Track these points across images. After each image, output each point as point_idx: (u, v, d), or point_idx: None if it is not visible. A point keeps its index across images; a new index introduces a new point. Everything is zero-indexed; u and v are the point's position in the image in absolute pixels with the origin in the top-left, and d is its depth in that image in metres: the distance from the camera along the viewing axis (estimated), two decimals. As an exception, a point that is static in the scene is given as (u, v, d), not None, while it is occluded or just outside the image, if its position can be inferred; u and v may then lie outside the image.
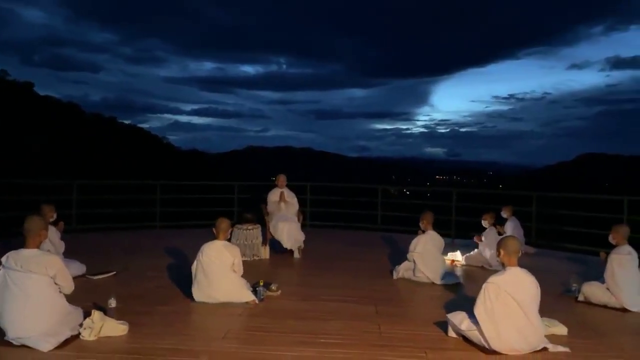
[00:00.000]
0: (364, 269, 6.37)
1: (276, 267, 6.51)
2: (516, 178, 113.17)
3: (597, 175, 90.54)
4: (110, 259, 6.57)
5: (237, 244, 6.78)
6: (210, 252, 4.62)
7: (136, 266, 6.23)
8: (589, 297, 4.92)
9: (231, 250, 4.69)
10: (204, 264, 4.60)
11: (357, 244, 8.42)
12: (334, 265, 6.58)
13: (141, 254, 7.08)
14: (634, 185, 60.63)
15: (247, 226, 6.95)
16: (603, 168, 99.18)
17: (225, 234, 4.76)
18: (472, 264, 6.77)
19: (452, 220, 9.41)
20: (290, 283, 5.57)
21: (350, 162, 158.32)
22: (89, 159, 44.59)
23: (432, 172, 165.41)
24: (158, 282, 5.38)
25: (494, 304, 3.53)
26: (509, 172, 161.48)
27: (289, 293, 5.06)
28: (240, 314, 4.33)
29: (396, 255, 7.31)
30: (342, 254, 7.48)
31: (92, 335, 3.59)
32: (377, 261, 6.97)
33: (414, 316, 4.44)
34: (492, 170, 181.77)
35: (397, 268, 5.93)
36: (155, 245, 7.76)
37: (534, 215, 8.55)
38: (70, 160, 41.66)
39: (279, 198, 7.30)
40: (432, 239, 5.76)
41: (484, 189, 25.27)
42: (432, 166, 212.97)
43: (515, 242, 3.71)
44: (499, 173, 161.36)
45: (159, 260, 6.57)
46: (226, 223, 4.76)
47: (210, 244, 4.68)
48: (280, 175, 7.51)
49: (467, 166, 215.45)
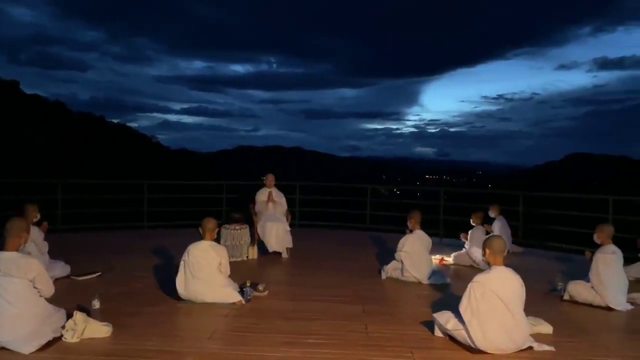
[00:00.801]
0: (353, 269, 6.36)
1: (264, 268, 6.48)
2: (505, 178, 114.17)
3: (585, 175, 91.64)
4: (96, 259, 6.49)
5: (225, 244, 6.74)
6: (197, 253, 4.58)
7: (122, 266, 6.16)
8: (574, 296, 4.96)
9: (218, 250, 4.65)
10: (190, 265, 4.56)
11: (346, 244, 8.42)
12: (322, 265, 6.57)
13: (128, 254, 7.00)
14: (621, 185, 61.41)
15: (235, 226, 6.91)
16: (591, 168, 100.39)
17: (212, 234, 4.72)
18: (460, 263, 6.79)
19: (440, 219, 9.44)
20: (278, 283, 5.54)
21: (340, 161, 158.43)
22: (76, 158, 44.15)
23: (421, 171, 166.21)
24: (144, 283, 5.33)
25: (479, 303, 3.54)
26: (498, 171, 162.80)
27: (277, 293, 5.04)
28: (227, 315, 4.30)
29: (385, 254, 7.31)
30: (331, 253, 7.47)
31: (75, 337, 3.53)
32: (365, 261, 6.97)
33: (401, 316, 4.43)
34: (481, 170, 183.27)
35: (385, 268, 5.93)
36: (143, 245, 7.68)
37: (521, 214, 8.61)
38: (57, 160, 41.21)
39: (267, 198, 7.27)
40: (419, 239, 5.77)
41: (472, 189, 25.37)
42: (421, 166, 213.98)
43: (500, 241, 3.72)
44: (488, 173, 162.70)
45: (145, 260, 6.51)
46: (213, 223, 4.72)
47: (197, 244, 4.64)
48: (269, 174, 7.48)
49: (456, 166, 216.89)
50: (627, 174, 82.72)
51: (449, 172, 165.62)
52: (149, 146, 64.22)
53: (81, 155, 45.88)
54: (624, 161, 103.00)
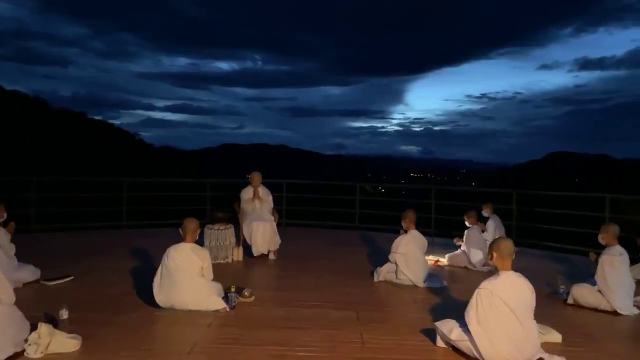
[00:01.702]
0: (343, 271, 6.04)
1: (250, 270, 6.13)
2: (489, 176, 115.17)
3: (566, 173, 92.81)
4: (70, 262, 6.07)
5: (209, 245, 6.38)
6: (177, 256, 4.21)
7: (97, 270, 5.75)
8: (578, 300, 4.71)
9: (200, 253, 4.29)
10: (169, 269, 4.20)
11: (335, 244, 8.10)
12: (311, 267, 6.23)
13: (104, 256, 6.58)
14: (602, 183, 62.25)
15: (219, 226, 6.54)
16: (572, 166, 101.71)
17: (194, 236, 4.35)
18: (455, 264, 6.52)
19: (431, 218, 9.19)
20: (265, 287, 5.19)
21: (326, 159, 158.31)
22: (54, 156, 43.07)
23: (406, 169, 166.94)
24: (119, 288, 4.93)
25: (486, 312, 3.24)
26: (482, 169, 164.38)
27: (264, 299, 4.69)
28: (210, 324, 3.94)
29: (376, 255, 7.02)
30: (320, 254, 7.14)
31: (39, 352, 3.16)
32: (356, 262, 6.66)
33: (399, 323, 4.13)
34: (465, 168, 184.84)
35: (379, 270, 5.63)
36: (121, 246, 7.27)
37: (514, 213, 8.39)
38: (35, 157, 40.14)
39: (252, 196, 6.91)
40: (414, 239, 5.47)
41: (462, 186, 25.07)
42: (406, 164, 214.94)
43: (508, 244, 3.42)
44: (472, 171, 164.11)
45: (123, 263, 6.11)
46: (194, 223, 4.35)
47: (177, 246, 4.27)
48: (254, 173, 7.07)
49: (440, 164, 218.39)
50: (607, 173, 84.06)
51: (433, 171, 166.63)
52: (131, 144, 63.08)
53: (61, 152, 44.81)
54: (604, 160, 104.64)
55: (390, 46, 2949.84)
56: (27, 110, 49.75)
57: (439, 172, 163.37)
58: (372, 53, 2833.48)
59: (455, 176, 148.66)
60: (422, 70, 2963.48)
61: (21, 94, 56.04)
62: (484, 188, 14.14)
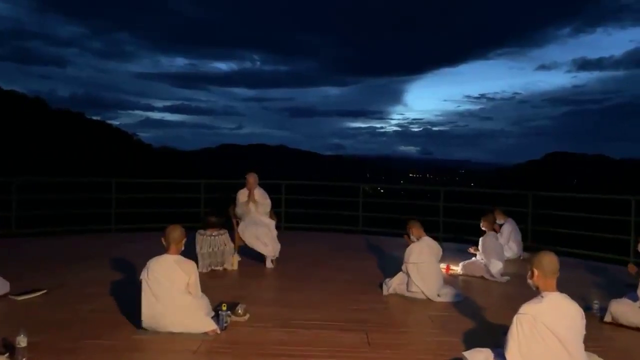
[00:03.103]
0: (349, 282, 5.46)
1: (245, 281, 5.54)
2: (488, 176, 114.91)
3: (565, 173, 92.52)
4: (46, 272, 5.50)
5: (201, 252, 5.80)
6: (158, 270, 3.63)
7: (76, 280, 5.17)
8: (618, 318, 4.14)
9: (185, 266, 3.70)
10: (150, 285, 3.62)
11: (339, 250, 7.51)
12: (313, 277, 5.65)
13: (86, 264, 6.00)
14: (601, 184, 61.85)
15: (212, 231, 5.95)
16: (571, 167, 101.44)
17: (179, 246, 3.76)
18: (470, 273, 5.94)
19: (439, 221, 8.63)
20: (262, 302, 4.61)
21: (324, 160, 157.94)
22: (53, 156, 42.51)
23: (405, 170, 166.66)
24: (96, 304, 4.35)
25: (529, 342, 2.67)
26: (481, 170, 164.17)
27: (260, 317, 4.11)
28: (196, 351, 3.36)
29: (383, 262, 6.46)
30: (322, 262, 6.55)
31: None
32: (362, 270, 6.08)
33: (418, 349, 3.55)
34: (463, 169, 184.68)
35: (388, 281, 5.05)
36: (106, 252, 6.69)
37: (530, 216, 7.82)
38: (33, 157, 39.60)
39: (247, 198, 6.34)
40: (428, 247, 4.90)
41: (472, 187, 24.18)
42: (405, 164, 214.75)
43: (553, 259, 2.85)
44: (470, 171, 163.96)
45: (106, 272, 5.53)
46: (179, 231, 3.77)
47: (159, 259, 3.69)
48: (250, 174, 6.48)
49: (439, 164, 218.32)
50: (605, 173, 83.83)
51: (432, 171, 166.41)
52: (129, 144, 62.45)
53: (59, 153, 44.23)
54: (602, 160, 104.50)
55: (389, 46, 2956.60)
56: (26, 111, 49.28)
57: (437, 172, 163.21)
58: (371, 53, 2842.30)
59: (454, 176, 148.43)
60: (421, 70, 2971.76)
61: (19, 94, 55.57)
62: (502, 190, 13.42)
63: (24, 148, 41.56)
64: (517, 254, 6.98)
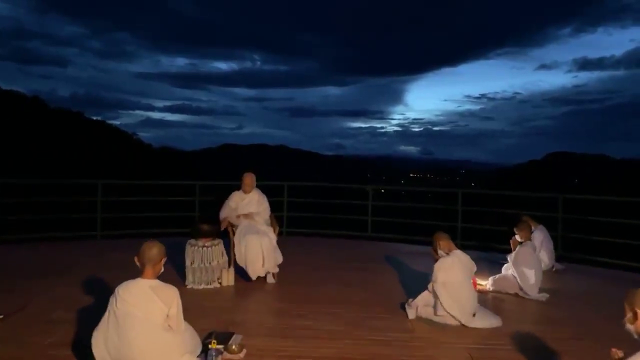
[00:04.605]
0: (364, 303, 4.65)
1: (242, 302, 4.73)
2: (488, 176, 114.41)
3: (566, 173, 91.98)
4: (9, 288, 4.71)
5: (191, 267, 5.01)
6: (129, 299, 2.83)
7: (42, 301, 4.37)
8: None
9: (164, 294, 2.90)
10: (118, 316, 2.82)
11: (348, 259, 6.71)
12: (322, 296, 4.84)
13: (60, 278, 5.20)
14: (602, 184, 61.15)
15: (205, 242, 5.16)
16: (572, 167, 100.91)
17: (156, 268, 2.96)
18: (502, 290, 5.14)
19: (457, 227, 7.84)
20: (261, 332, 3.80)
21: (325, 160, 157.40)
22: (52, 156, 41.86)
23: (406, 170, 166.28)
24: (58, 336, 3.55)
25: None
26: (482, 170, 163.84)
27: (258, 351, 3.32)
28: (175, 408, 2.57)
29: (402, 275, 5.68)
30: (330, 275, 5.72)
31: None
32: (378, 287, 5.28)
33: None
34: (464, 169, 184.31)
35: (412, 302, 4.25)
36: (87, 263, 5.92)
37: (560, 222, 7.03)
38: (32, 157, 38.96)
39: (236, 205, 5.53)
40: (460, 262, 4.10)
41: (494, 190, 22.93)
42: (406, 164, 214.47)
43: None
44: (471, 171, 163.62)
45: (80, 289, 4.74)
46: (156, 249, 2.97)
47: (130, 284, 2.89)
48: (247, 174, 5.65)
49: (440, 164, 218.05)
50: (606, 173, 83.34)
51: (432, 171, 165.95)
52: (129, 144, 61.70)
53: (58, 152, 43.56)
54: (603, 160, 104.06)
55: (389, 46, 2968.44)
56: (25, 110, 48.64)
57: (438, 172, 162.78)
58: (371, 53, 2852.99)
59: (454, 177, 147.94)
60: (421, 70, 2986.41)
61: (18, 94, 54.96)
62: (527, 192, 12.51)
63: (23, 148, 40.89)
64: (548, 265, 6.19)
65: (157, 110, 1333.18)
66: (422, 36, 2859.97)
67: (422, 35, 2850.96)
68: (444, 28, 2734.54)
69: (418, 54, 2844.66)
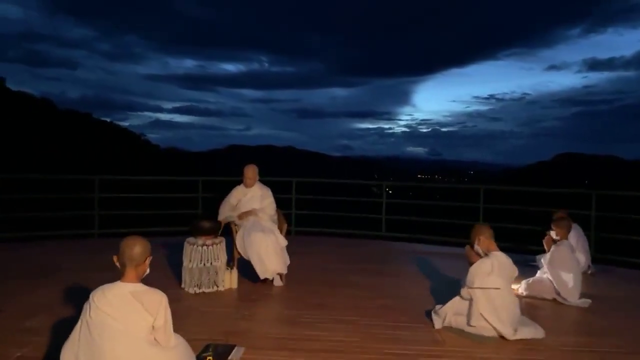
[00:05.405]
0: (383, 310, 4.10)
1: (246, 308, 4.18)
2: (497, 177, 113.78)
3: (576, 174, 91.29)
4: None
5: (189, 267, 4.50)
6: (106, 307, 2.31)
7: (19, 306, 3.88)
8: None
9: (149, 300, 2.38)
10: (91, 327, 2.31)
11: (362, 260, 6.17)
12: (336, 302, 4.29)
13: (47, 279, 4.73)
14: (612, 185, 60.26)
15: (205, 240, 4.65)
16: (581, 167, 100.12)
17: (140, 269, 2.45)
18: (537, 295, 4.57)
19: (479, 226, 7.28)
20: (266, 344, 3.27)
21: (332, 161, 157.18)
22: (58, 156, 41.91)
23: (414, 171, 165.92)
24: (30, 347, 3.04)
25: None
26: (490, 171, 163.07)
27: (264, 370, 2.80)
28: None
29: (424, 279, 5.15)
30: (343, 279, 5.17)
31: None
32: (397, 290, 4.74)
33: None
34: (472, 170, 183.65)
35: (440, 309, 3.71)
36: (81, 263, 5.44)
37: (593, 220, 6.45)
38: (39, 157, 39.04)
39: (237, 202, 5.05)
40: (500, 265, 3.54)
41: (519, 186, 22.07)
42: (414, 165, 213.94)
43: None
44: (479, 172, 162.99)
45: (67, 292, 4.25)
46: (140, 247, 2.46)
47: (107, 289, 2.38)
48: (249, 167, 5.16)
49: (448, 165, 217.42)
50: (617, 174, 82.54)
51: (440, 172, 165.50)
52: (136, 145, 61.70)
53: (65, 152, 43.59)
54: (613, 161, 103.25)
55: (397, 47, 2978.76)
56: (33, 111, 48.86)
57: (446, 173, 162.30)
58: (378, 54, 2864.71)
59: (463, 177, 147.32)
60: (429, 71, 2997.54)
61: (27, 95, 55.28)
62: (552, 188, 11.82)
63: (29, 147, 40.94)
64: (584, 267, 5.61)
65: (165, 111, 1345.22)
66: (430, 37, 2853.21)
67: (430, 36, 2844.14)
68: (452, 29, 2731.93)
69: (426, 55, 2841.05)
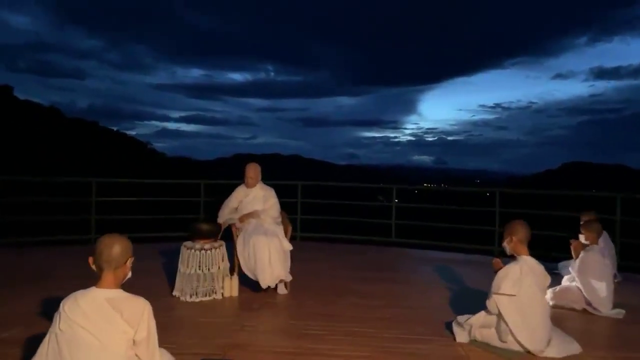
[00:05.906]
0: (396, 319, 3.74)
1: (246, 318, 3.81)
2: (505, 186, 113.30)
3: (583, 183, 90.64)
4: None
5: (185, 273, 4.16)
6: (79, 318, 1.97)
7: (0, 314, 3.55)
8: None
9: (129, 309, 2.03)
10: (62, 345, 1.96)
11: (372, 268, 5.80)
12: (344, 313, 3.92)
13: (33, 287, 4.39)
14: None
15: (203, 243, 4.30)
16: (589, 176, 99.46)
17: (119, 273, 2.10)
18: (565, 304, 4.19)
19: (495, 231, 6.91)
20: (268, 358, 2.91)
21: (338, 169, 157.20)
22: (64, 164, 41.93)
23: (419, 180, 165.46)
24: (6, 359, 2.72)
25: None
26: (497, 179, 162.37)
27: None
28: None
29: (440, 288, 4.76)
30: (352, 286, 4.80)
31: None
32: (411, 299, 4.38)
33: None
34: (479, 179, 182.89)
35: (463, 321, 3.31)
36: (72, 269, 5.09)
37: (618, 225, 6.06)
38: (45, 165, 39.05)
39: (237, 205, 4.72)
40: (532, 272, 3.15)
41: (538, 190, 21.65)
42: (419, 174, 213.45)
43: None
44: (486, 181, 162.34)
45: (53, 301, 3.89)
46: (119, 246, 2.10)
47: (80, 296, 2.04)
48: (250, 165, 4.84)
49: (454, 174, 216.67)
50: (624, 183, 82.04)
51: (447, 181, 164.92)
52: (141, 153, 61.74)
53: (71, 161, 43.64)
54: (621, 170, 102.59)
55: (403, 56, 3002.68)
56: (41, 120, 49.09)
57: (452, 182, 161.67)
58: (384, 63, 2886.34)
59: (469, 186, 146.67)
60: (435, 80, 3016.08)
61: (35, 104, 55.56)
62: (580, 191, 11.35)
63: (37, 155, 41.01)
64: (612, 275, 5.21)
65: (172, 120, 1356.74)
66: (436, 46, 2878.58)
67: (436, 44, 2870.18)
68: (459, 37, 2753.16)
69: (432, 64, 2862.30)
